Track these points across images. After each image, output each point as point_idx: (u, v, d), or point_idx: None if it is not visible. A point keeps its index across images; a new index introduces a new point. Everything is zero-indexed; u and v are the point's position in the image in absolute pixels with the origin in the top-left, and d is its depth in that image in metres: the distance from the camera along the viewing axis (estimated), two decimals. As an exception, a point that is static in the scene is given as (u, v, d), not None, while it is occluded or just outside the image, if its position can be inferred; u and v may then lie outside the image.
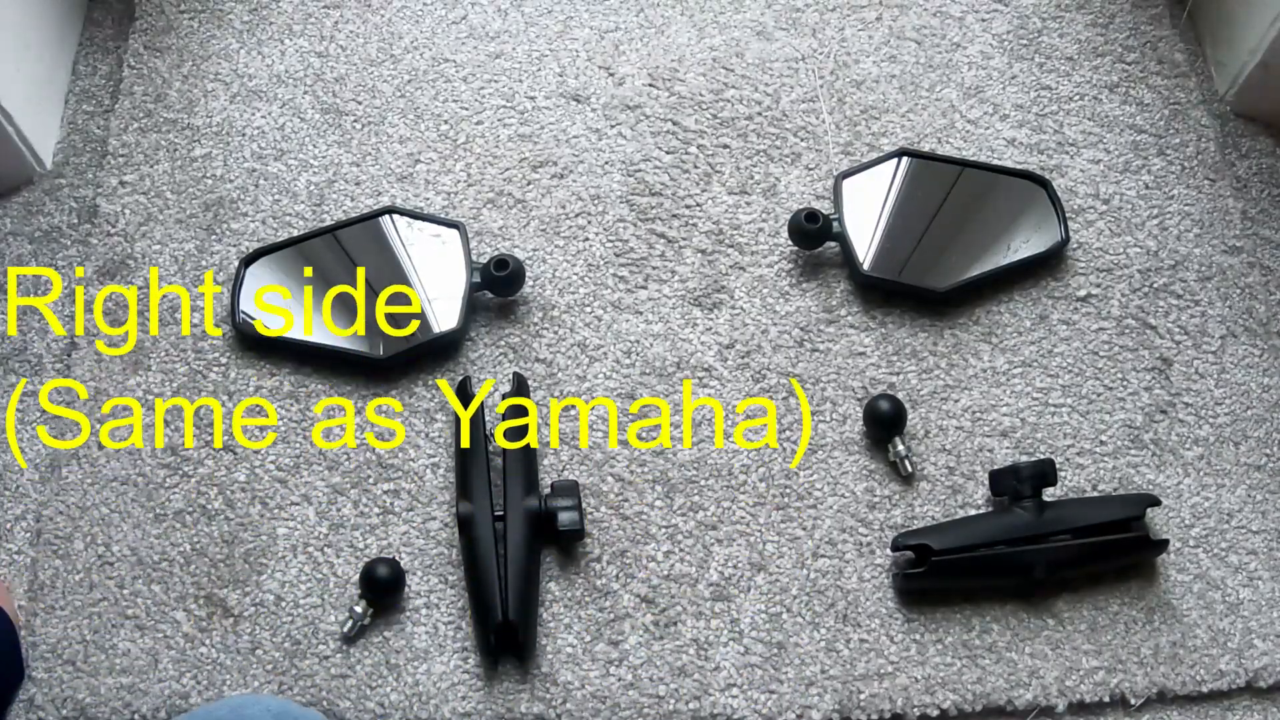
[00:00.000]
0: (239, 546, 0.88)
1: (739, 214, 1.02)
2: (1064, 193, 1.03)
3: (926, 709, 0.83)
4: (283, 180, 1.03)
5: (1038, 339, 0.97)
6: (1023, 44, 1.12)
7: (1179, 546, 0.89)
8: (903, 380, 0.95)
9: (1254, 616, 0.87)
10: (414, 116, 1.07)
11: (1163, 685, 0.85)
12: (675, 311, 0.98)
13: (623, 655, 0.85)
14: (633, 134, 1.06)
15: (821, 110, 1.08)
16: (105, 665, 0.84)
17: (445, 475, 0.91)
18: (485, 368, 0.95)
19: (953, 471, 0.92)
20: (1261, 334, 0.98)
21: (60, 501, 0.89)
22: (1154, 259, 1.01)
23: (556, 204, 1.02)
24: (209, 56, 1.09)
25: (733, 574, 0.88)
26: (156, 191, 1.02)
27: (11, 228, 1.02)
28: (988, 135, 1.06)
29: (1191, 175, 1.05)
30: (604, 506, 0.90)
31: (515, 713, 0.82)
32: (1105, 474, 0.92)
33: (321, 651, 0.84)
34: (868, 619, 0.86)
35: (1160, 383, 0.96)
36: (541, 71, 1.09)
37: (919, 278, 0.97)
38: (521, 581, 0.83)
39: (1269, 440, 0.94)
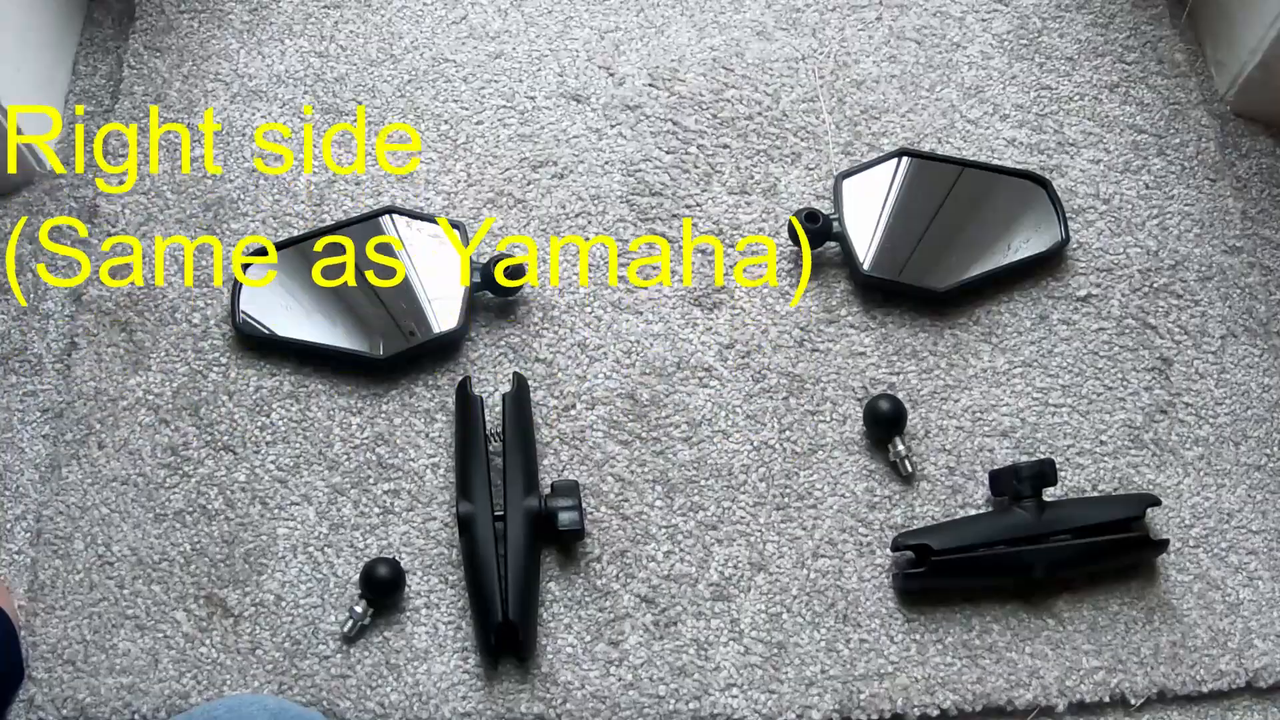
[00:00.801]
0: (239, 546, 0.88)
1: (739, 214, 1.02)
2: (1064, 193, 1.03)
3: (926, 709, 0.83)
4: (283, 180, 1.03)
5: (1038, 339, 0.97)
6: (1023, 44, 1.12)
7: (1179, 546, 0.89)
8: (903, 380, 0.95)
9: (1254, 616, 0.87)
10: (414, 116, 1.07)
11: (1163, 685, 0.85)
12: (675, 311, 0.98)
13: (623, 655, 0.85)
14: (633, 134, 1.06)
15: (821, 110, 1.08)
16: (105, 665, 0.84)
17: (445, 475, 0.91)
18: (485, 368, 0.95)
19: (953, 471, 0.92)
20: (1261, 334, 0.98)
21: (60, 501, 0.89)
22: (1154, 259, 1.01)
23: (556, 204, 1.02)
24: (209, 56, 1.09)
25: (733, 574, 0.88)
26: (156, 191, 1.02)
27: (11, 228, 1.02)
28: (988, 135, 1.06)
29: (1191, 175, 1.05)
30: (604, 506, 0.90)
31: (515, 713, 0.82)
32: (1105, 474, 0.92)
33: (321, 651, 0.84)
34: (868, 619, 0.86)
35: (1160, 383, 0.96)
36: (541, 71, 1.09)
37: (919, 278, 0.97)
38: (521, 581, 0.83)
39: (1269, 440, 0.94)
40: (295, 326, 0.95)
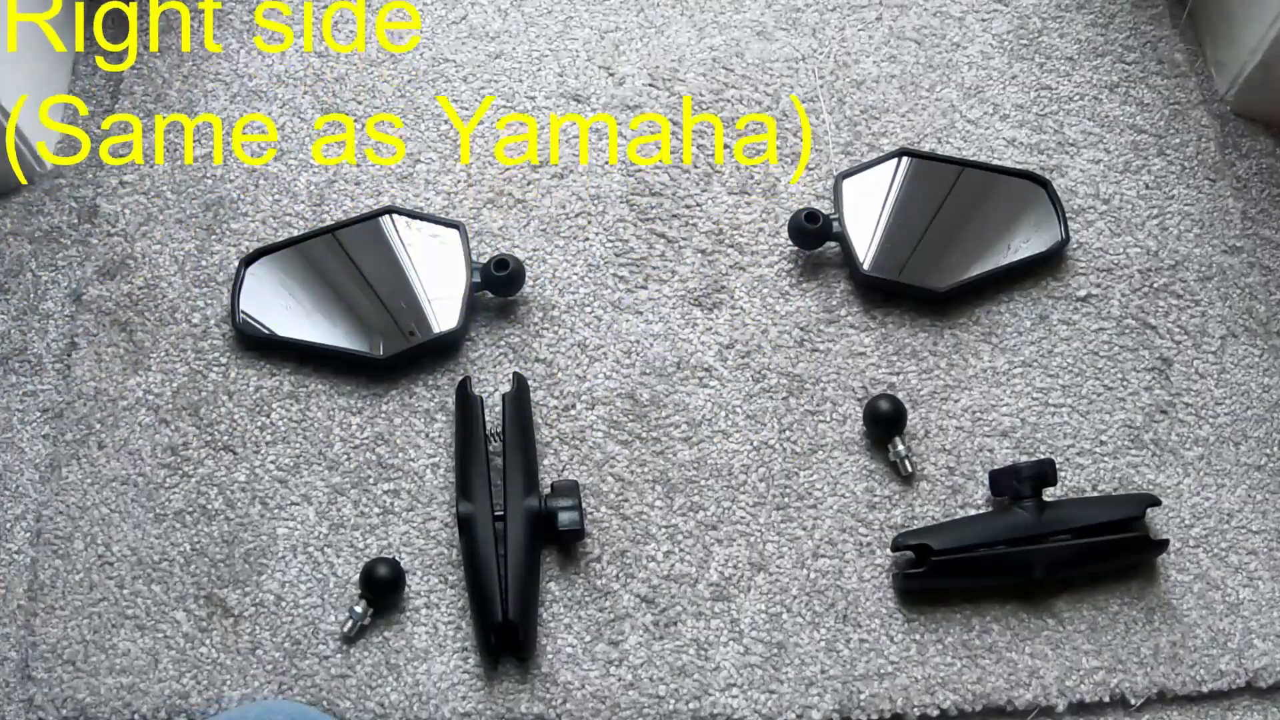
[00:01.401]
0: (239, 546, 0.88)
1: (739, 214, 1.02)
2: (1064, 193, 1.03)
3: (926, 709, 0.83)
4: (283, 180, 1.03)
5: (1038, 339, 0.97)
6: (1023, 44, 1.12)
7: (1179, 546, 0.89)
8: (903, 380, 0.95)
9: (1254, 616, 0.87)
10: (414, 116, 1.07)
11: (1163, 685, 0.85)
12: (675, 311, 0.98)
13: (623, 655, 0.85)
14: (633, 134, 1.06)
15: (821, 110, 1.08)
16: (105, 665, 0.84)
17: (445, 475, 0.91)
18: (485, 368, 0.95)
19: (953, 471, 0.92)
20: (1261, 334, 0.98)
21: (60, 501, 0.89)
22: (1154, 259, 1.01)
23: (556, 204, 1.02)
24: (209, 56, 1.09)
25: (733, 574, 0.88)
26: (156, 191, 1.02)
27: (11, 228, 1.02)
28: (988, 135, 1.06)
29: (1191, 175, 1.05)
30: (604, 506, 0.90)
31: (515, 713, 0.82)
32: (1105, 474, 0.92)
33: (321, 651, 0.84)
34: (868, 619, 0.86)
35: (1160, 383, 0.96)
36: (541, 71, 1.09)
37: (919, 278, 0.97)
38: (521, 581, 0.83)
39: (1269, 440, 0.94)
40: (295, 326, 0.95)
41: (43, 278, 1.00)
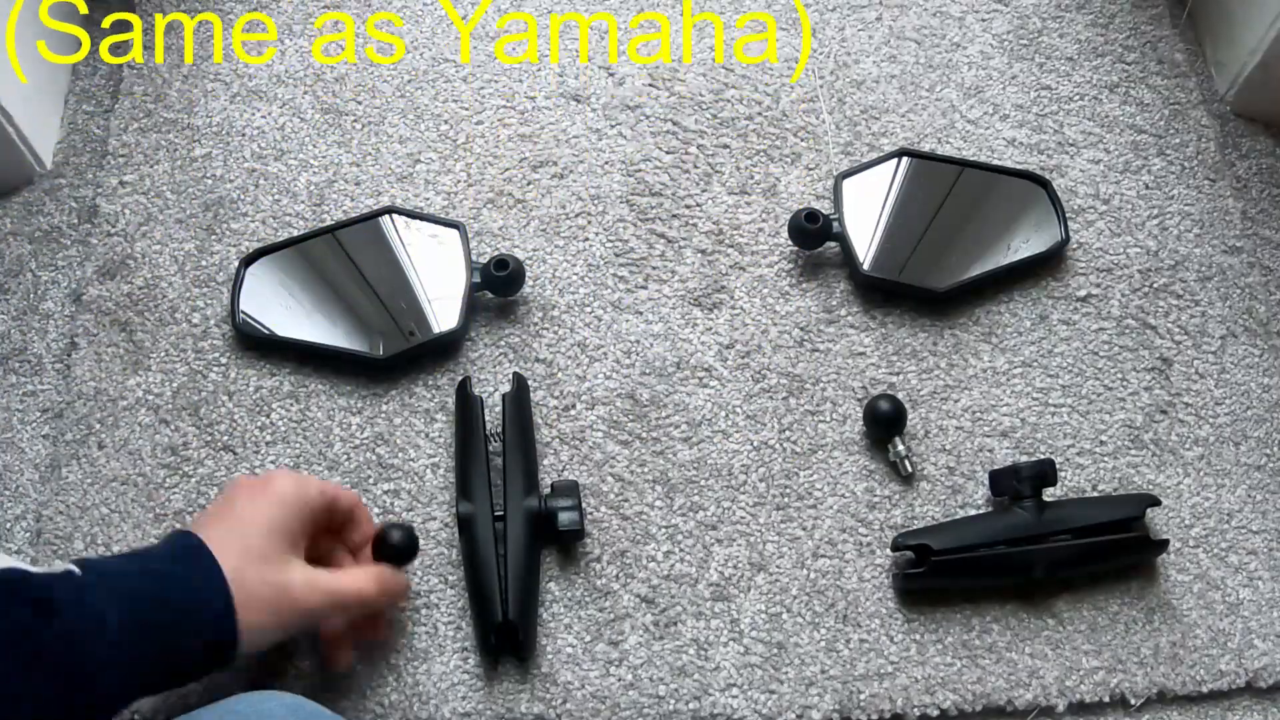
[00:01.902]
0: (239, 546, 0.88)
1: (739, 214, 1.02)
2: (1064, 193, 1.03)
3: (926, 709, 0.83)
4: (283, 180, 1.03)
5: (1038, 339, 0.97)
6: (1023, 44, 1.12)
7: (1179, 546, 0.89)
8: (903, 380, 0.95)
9: (1254, 616, 0.87)
10: (414, 116, 1.07)
11: (1163, 685, 0.85)
12: (675, 311, 0.98)
13: (623, 655, 0.85)
14: (633, 134, 1.06)
15: (821, 110, 1.08)
16: (105, 665, 0.84)
17: (445, 475, 0.91)
18: (485, 368, 0.95)
19: (953, 471, 0.92)
20: (1261, 334, 0.98)
21: (60, 501, 0.89)
22: (1154, 259, 1.01)
23: (556, 204, 1.02)
24: (209, 56, 1.09)
25: (733, 574, 0.88)
26: (156, 191, 1.02)
27: (11, 228, 1.02)
28: (988, 135, 1.06)
29: (1191, 175, 1.05)
30: (604, 506, 0.90)
31: (515, 713, 0.82)
32: (1105, 474, 0.92)
33: (321, 651, 0.84)
34: (868, 619, 0.86)
35: (1160, 383, 0.96)
36: (541, 71, 1.09)
37: (919, 278, 0.97)
38: (521, 581, 0.83)
39: (1269, 440, 0.94)
40: (295, 326, 0.95)
41: (43, 278, 1.00)
